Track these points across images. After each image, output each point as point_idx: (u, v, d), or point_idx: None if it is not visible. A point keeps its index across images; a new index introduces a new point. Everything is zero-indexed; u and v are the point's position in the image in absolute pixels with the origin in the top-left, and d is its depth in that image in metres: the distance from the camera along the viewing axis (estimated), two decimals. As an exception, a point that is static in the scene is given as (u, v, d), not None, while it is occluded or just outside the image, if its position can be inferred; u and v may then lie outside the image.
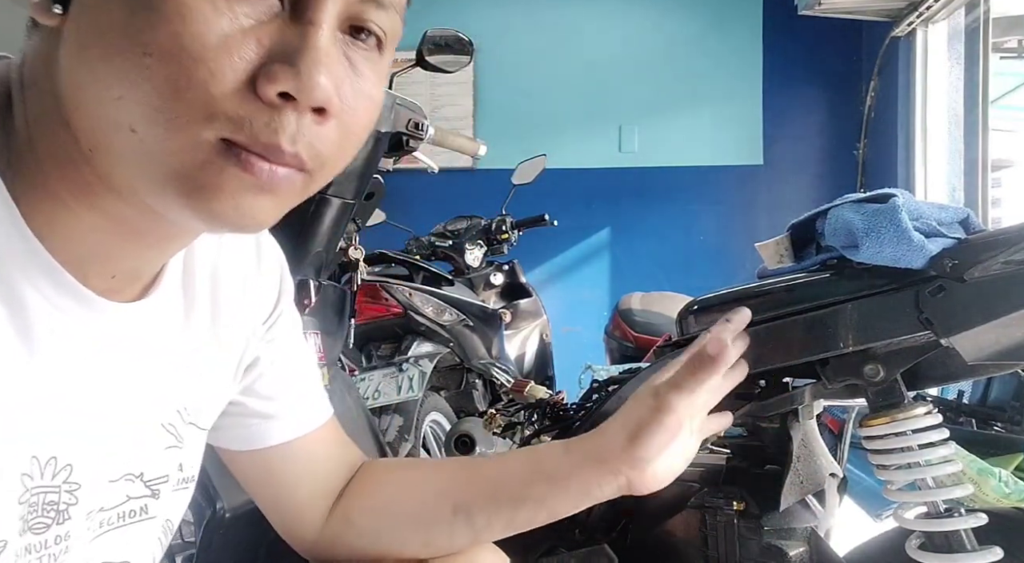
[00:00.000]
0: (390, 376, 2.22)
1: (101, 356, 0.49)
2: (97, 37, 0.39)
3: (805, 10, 3.54)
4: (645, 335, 2.72)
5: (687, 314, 0.90)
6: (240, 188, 0.41)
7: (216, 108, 0.39)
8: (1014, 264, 0.69)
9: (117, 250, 0.48)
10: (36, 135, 0.44)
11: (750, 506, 0.86)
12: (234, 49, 0.39)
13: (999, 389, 1.85)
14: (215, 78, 0.39)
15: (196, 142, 0.40)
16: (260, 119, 0.40)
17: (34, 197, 0.44)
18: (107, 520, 0.52)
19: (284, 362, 0.69)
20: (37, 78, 0.44)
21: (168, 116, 0.39)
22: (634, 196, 4.39)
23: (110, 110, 0.40)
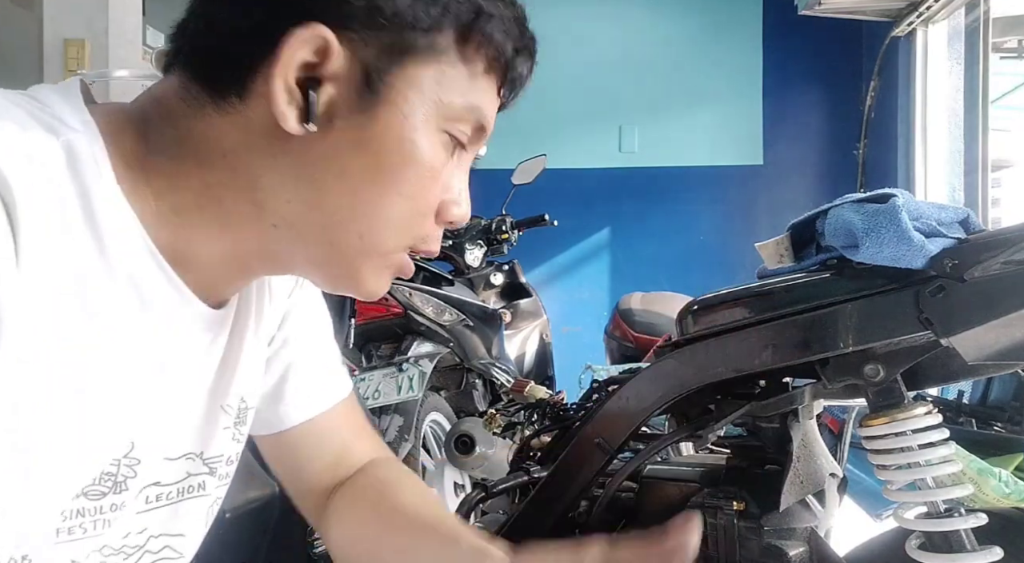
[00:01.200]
0: (390, 376, 2.22)
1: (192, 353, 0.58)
2: (361, 172, 0.52)
3: (805, 10, 3.54)
4: (645, 335, 2.72)
5: (687, 314, 0.90)
6: (390, 273, 0.58)
7: (422, 233, 0.57)
8: (1014, 264, 0.69)
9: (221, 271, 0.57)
10: (201, 191, 0.52)
11: (750, 506, 0.86)
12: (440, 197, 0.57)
13: (999, 389, 1.85)
14: (431, 214, 0.57)
15: (398, 250, 0.57)
16: (433, 235, 0.58)
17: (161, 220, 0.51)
18: (164, 495, 0.58)
19: (297, 341, 0.72)
20: (219, 152, 0.52)
21: (396, 234, 0.55)
22: (634, 196, 4.39)
23: (346, 220, 0.53)
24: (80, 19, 2.52)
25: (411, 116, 0.52)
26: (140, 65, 2.58)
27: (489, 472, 2.04)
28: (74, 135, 0.48)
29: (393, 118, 0.51)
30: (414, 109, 0.52)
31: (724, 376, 0.84)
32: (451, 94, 0.53)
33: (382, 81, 0.51)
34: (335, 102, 0.51)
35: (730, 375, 0.84)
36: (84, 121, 0.49)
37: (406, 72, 0.51)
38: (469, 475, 2.23)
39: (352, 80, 0.51)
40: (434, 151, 0.54)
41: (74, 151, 0.47)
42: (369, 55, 0.50)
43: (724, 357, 0.84)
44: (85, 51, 2.52)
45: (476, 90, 0.55)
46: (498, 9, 0.55)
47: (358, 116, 0.51)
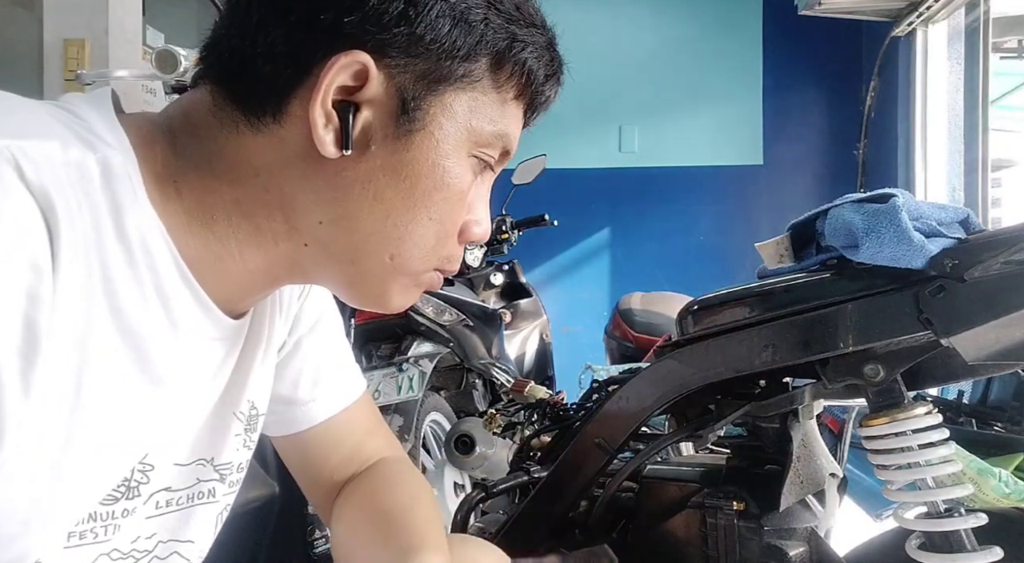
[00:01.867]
0: (390, 376, 2.22)
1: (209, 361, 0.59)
2: (395, 196, 0.53)
3: (805, 10, 3.54)
4: (645, 335, 2.72)
5: (687, 314, 0.90)
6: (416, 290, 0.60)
7: (447, 253, 0.59)
8: (1014, 264, 0.69)
9: (251, 289, 0.58)
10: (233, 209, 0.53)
11: (750, 506, 0.86)
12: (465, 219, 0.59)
13: (999, 389, 1.85)
14: (456, 235, 0.58)
15: (426, 271, 0.58)
16: (456, 254, 0.60)
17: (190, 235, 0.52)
18: (175, 500, 0.59)
19: (309, 344, 0.73)
20: (253, 171, 0.53)
21: (424, 256, 0.57)
22: (634, 196, 4.39)
23: (377, 242, 0.55)
24: (80, 19, 2.52)
25: (443, 142, 0.53)
26: (140, 65, 2.58)
27: (489, 472, 2.04)
28: (110, 151, 0.49)
29: (427, 144, 0.53)
30: (447, 135, 0.53)
31: (724, 376, 0.85)
32: (482, 121, 0.55)
33: (418, 107, 0.52)
34: (371, 127, 0.52)
35: (730, 375, 0.84)
36: (118, 136, 0.50)
37: (442, 99, 0.53)
38: (469, 475, 2.23)
39: (389, 106, 0.52)
40: (463, 176, 0.55)
41: (109, 167, 0.48)
42: (406, 81, 0.51)
43: (724, 357, 0.84)
44: (85, 51, 2.52)
45: (506, 117, 0.57)
46: (532, 36, 0.56)
47: (393, 142, 0.52)
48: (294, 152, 0.52)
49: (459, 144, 0.54)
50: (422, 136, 0.52)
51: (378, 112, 0.52)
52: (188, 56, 1.49)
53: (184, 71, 1.48)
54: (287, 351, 0.72)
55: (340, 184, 0.52)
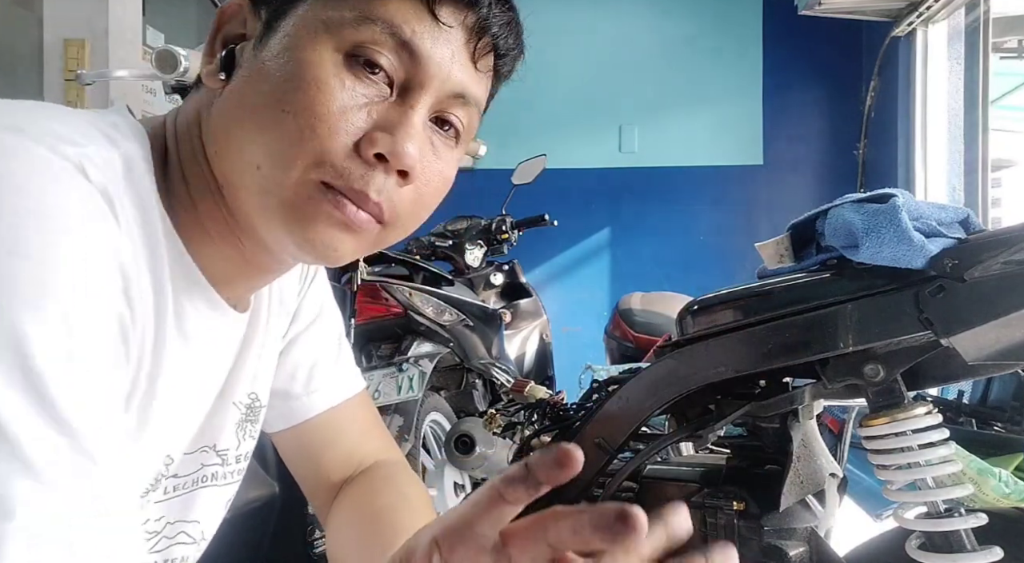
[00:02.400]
0: (390, 376, 2.22)
1: (214, 353, 0.60)
2: (250, 97, 0.52)
3: (805, 10, 3.54)
4: (645, 335, 2.72)
5: (687, 314, 0.90)
6: (330, 222, 0.52)
7: (326, 158, 0.51)
8: (1014, 264, 0.69)
9: (238, 275, 0.59)
10: (189, 176, 0.55)
11: (750, 506, 0.86)
12: (349, 116, 0.51)
13: (999, 389, 1.85)
14: (331, 135, 0.50)
15: (304, 180, 0.51)
16: (356, 171, 0.51)
17: (187, 227, 0.55)
18: (181, 485, 0.61)
19: (308, 338, 0.74)
20: (190, 129, 0.56)
21: (288, 157, 0.50)
22: (634, 196, 4.39)
23: (245, 151, 0.52)
24: (80, 19, 2.53)
25: (294, 36, 0.52)
26: (140, 65, 2.58)
27: (489, 472, 2.04)
28: (130, 145, 0.51)
29: (279, 43, 0.52)
30: (298, 30, 0.52)
31: (724, 376, 0.85)
32: (340, 10, 0.52)
33: (277, 20, 0.54)
34: (243, 50, 0.55)
35: (730, 375, 0.84)
36: (134, 129, 0.53)
37: (297, 11, 0.53)
38: (469, 475, 2.23)
39: (258, 31, 0.54)
40: (324, 66, 0.51)
41: (131, 162, 0.50)
42: (269, 6, 0.54)
43: (724, 357, 0.84)
44: (85, 51, 2.52)
45: (375, 3, 0.52)
46: None
47: (253, 54, 0.54)
48: (204, 100, 0.56)
49: (313, 36, 0.52)
50: (276, 39, 0.53)
51: (252, 40, 0.55)
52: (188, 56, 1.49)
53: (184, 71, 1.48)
54: (286, 345, 0.73)
55: (220, 109, 0.54)
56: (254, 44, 0.54)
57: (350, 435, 0.77)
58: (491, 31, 0.55)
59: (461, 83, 0.55)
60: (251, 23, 0.55)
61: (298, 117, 0.50)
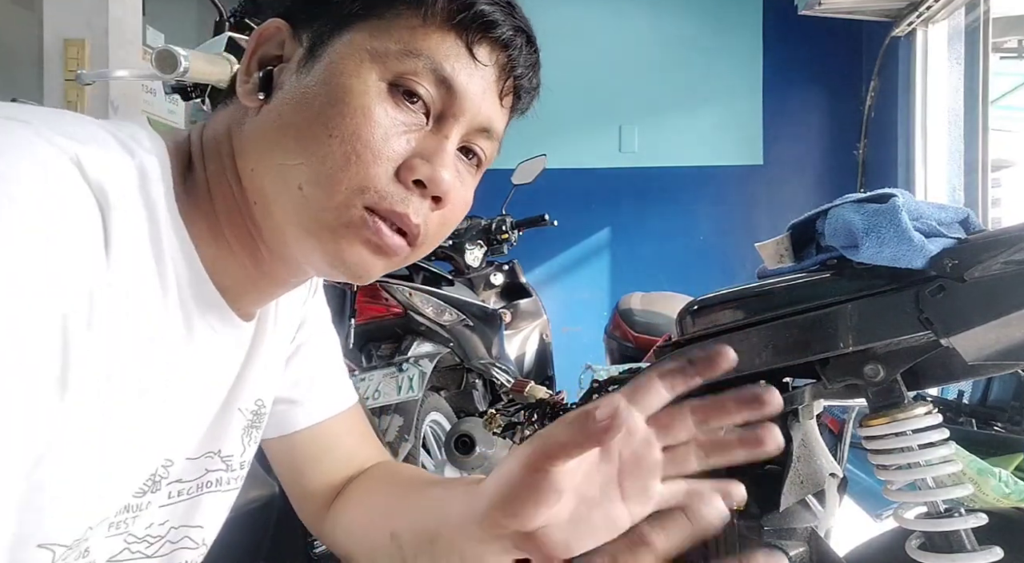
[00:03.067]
0: (390, 376, 2.22)
1: (221, 361, 0.61)
2: (294, 120, 0.54)
3: (805, 10, 3.54)
4: (645, 335, 2.72)
5: (687, 314, 0.90)
6: (367, 246, 0.55)
7: (370, 183, 0.53)
8: (1014, 264, 0.69)
9: (253, 287, 0.61)
10: (213, 189, 0.57)
11: (750, 506, 0.86)
12: (392, 143, 0.54)
13: (999, 389, 1.85)
14: (375, 160, 0.53)
15: (348, 205, 0.53)
16: (398, 195, 0.54)
17: (206, 239, 0.56)
18: (185, 490, 0.62)
19: (310, 347, 0.75)
20: (220, 144, 0.58)
21: (334, 181, 0.52)
22: (634, 196, 4.39)
23: (287, 172, 0.53)
24: (80, 19, 2.52)
25: (339, 63, 0.54)
26: (140, 65, 2.58)
27: (489, 472, 2.04)
28: (147, 156, 0.52)
29: (324, 68, 0.55)
30: (343, 57, 0.54)
31: (724, 376, 0.84)
32: (386, 42, 0.54)
33: (321, 46, 0.56)
34: (283, 71, 0.57)
35: (730, 375, 0.84)
36: (156, 143, 0.55)
37: (342, 38, 0.55)
38: (469, 475, 2.23)
39: (299, 54, 0.57)
40: (369, 94, 0.53)
41: (145, 172, 0.51)
42: (313, 32, 0.57)
43: (724, 357, 0.84)
44: (85, 51, 2.52)
45: (419, 39, 0.55)
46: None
47: (297, 77, 0.56)
48: (236, 116, 0.58)
49: (359, 64, 0.54)
50: (321, 64, 0.55)
51: (291, 62, 0.57)
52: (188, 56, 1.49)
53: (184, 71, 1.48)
54: (292, 352, 0.74)
55: (258, 127, 0.56)
56: (297, 68, 0.56)
57: (349, 442, 0.78)
58: (517, 71, 0.59)
59: (488, 118, 0.59)
60: (290, 46, 0.57)
61: (344, 142, 0.52)
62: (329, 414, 0.76)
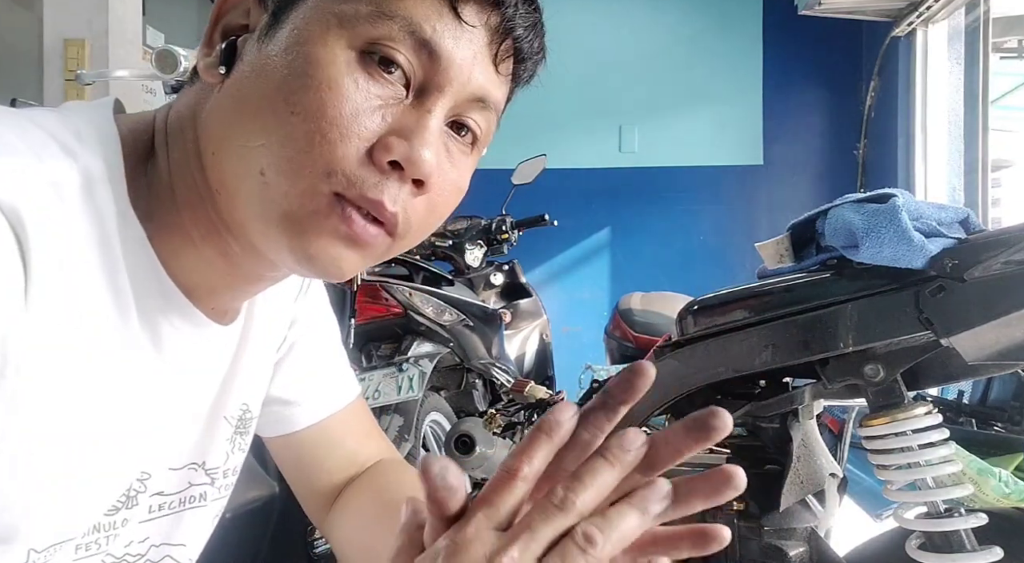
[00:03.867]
0: (390, 376, 2.22)
1: (195, 366, 0.57)
2: (254, 95, 0.48)
3: (805, 10, 3.54)
4: (645, 335, 2.72)
5: (687, 314, 0.90)
6: (336, 238, 0.48)
7: (337, 166, 0.46)
8: (1014, 264, 0.69)
9: (222, 284, 0.55)
10: (175, 178, 0.52)
11: (750, 506, 0.86)
12: (363, 120, 0.47)
13: (999, 389, 1.85)
14: (343, 140, 0.46)
15: (314, 191, 0.47)
16: (370, 180, 0.47)
17: (168, 233, 0.51)
18: (167, 504, 0.58)
19: (304, 345, 0.72)
20: (183, 127, 0.52)
21: (296, 165, 0.46)
22: (634, 196, 4.39)
23: (248, 156, 0.47)
24: (80, 19, 2.52)
25: (305, 29, 0.47)
26: (140, 65, 2.58)
27: (489, 472, 2.04)
28: (91, 158, 0.47)
29: (287, 36, 0.48)
30: (309, 23, 0.48)
31: (724, 376, 0.85)
32: (355, 3, 0.47)
33: (284, 12, 0.49)
34: (244, 42, 0.50)
35: (730, 375, 0.84)
36: (105, 137, 0.49)
37: (307, 2, 0.49)
38: (469, 475, 2.23)
39: (263, 23, 0.50)
40: (337, 64, 0.47)
41: (91, 175, 0.47)
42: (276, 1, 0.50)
43: (724, 357, 0.84)
44: (85, 51, 2.52)
45: None
46: None
47: (258, 47, 0.49)
48: (200, 95, 0.52)
49: (325, 30, 0.47)
50: (285, 30, 0.48)
51: (255, 32, 0.50)
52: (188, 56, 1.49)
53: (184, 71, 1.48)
54: (283, 353, 0.71)
55: (219, 106, 0.50)
56: (259, 36, 0.49)
57: (351, 439, 0.76)
58: (515, 33, 0.52)
59: (482, 87, 0.51)
60: (255, 13, 0.51)
61: (308, 120, 0.46)
62: (329, 412, 0.74)
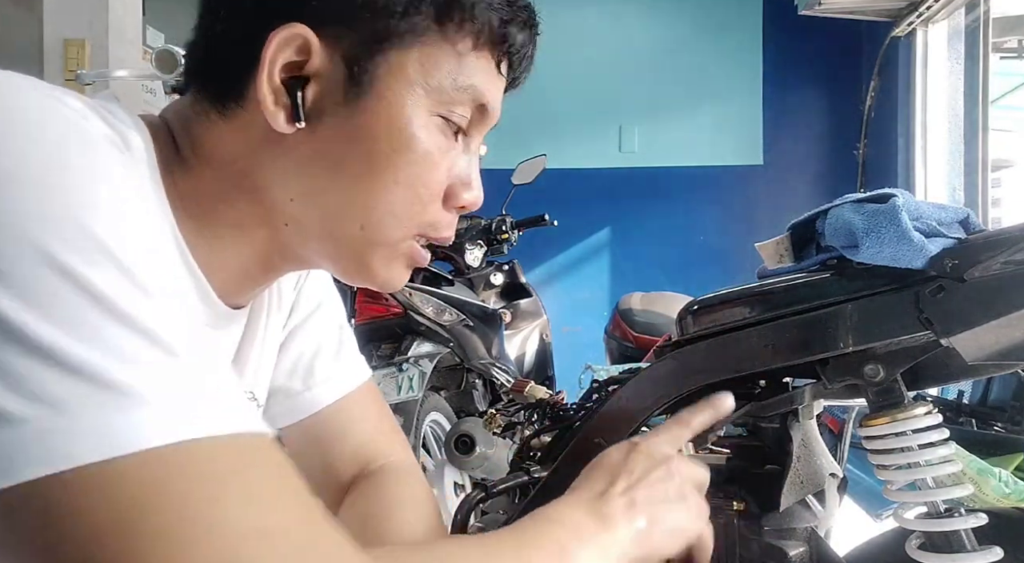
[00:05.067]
0: (390, 376, 2.22)
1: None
2: (355, 162, 0.53)
3: (805, 10, 3.54)
4: (645, 335, 2.72)
5: (687, 314, 0.90)
6: (405, 265, 0.58)
7: (428, 219, 0.57)
8: (1014, 264, 0.69)
9: (244, 275, 0.59)
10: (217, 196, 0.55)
11: (750, 506, 0.86)
12: (444, 179, 0.56)
13: (999, 389, 1.85)
14: (434, 201, 0.56)
15: (406, 238, 0.56)
16: (446, 222, 0.58)
17: (200, 234, 0.55)
18: None
19: (304, 331, 0.73)
20: (234, 157, 0.54)
21: (397, 223, 0.55)
22: (634, 196, 4.39)
23: (345, 212, 0.54)
24: (80, 19, 2.52)
25: (396, 102, 0.52)
26: (140, 65, 2.58)
27: (489, 472, 2.04)
28: (128, 130, 0.50)
29: (379, 106, 0.52)
30: (399, 95, 0.52)
31: (724, 376, 0.84)
32: (439, 76, 0.53)
33: (364, 70, 0.52)
34: (321, 97, 0.52)
35: (730, 375, 0.84)
36: (134, 119, 0.52)
37: (388, 60, 0.52)
38: (469, 475, 2.23)
39: (336, 74, 0.52)
40: (429, 136, 0.54)
41: (130, 145, 0.49)
42: (349, 48, 0.52)
43: (724, 357, 0.84)
44: (85, 51, 2.52)
45: (467, 69, 0.55)
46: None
47: (345, 109, 0.52)
48: (258, 134, 0.53)
49: (417, 103, 0.53)
50: (373, 99, 0.52)
51: (327, 82, 0.52)
52: (188, 56, 1.49)
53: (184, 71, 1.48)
54: (285, 337, 0.72)
55: (302, 159, 0.53)
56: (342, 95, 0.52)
57: (357, 428, 0.74)
58: (524, 72, 0.61)
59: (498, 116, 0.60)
60: (320, 61, 0.52)
61: (410, 188, 0.54)
62: (341, 393, 0.73)
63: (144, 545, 0.32)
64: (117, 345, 0.34)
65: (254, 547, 0.34)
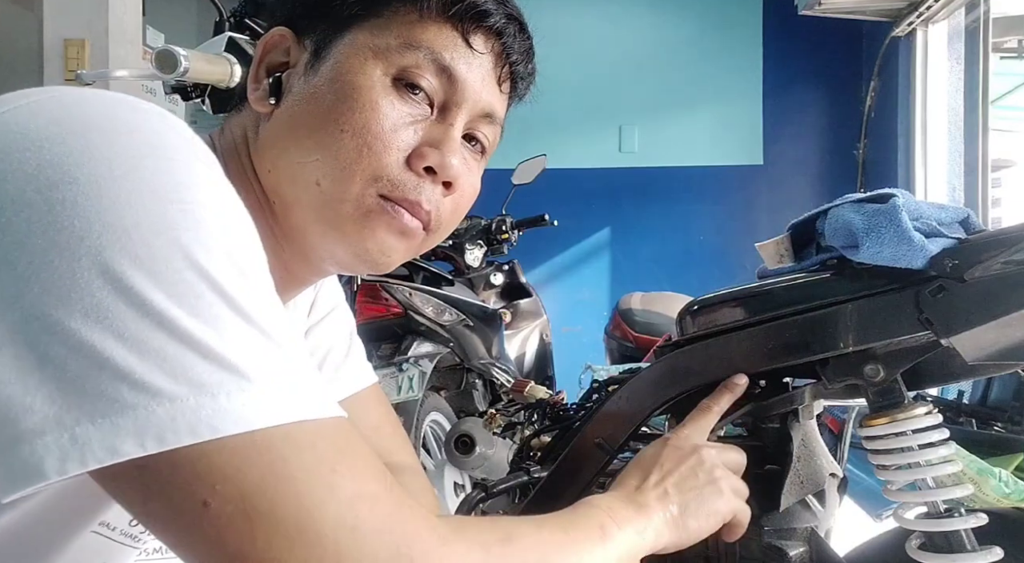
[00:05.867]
0: (390, 376, 2.22)
1: None
2: (306, 119, 0.57)
3: (805, 10, 3.54)
4: (645, 335, 2.72)
5: (687, 314, 0.90)
6: (389, 231, 0.58)
7: (383, 172, 0.57)
8: (1014, 264, 0.69)
9: (283, 286, 0.61)
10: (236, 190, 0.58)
11: (750, 506, 0.86)
12: (400, 133, 0.57)
13: (999, 389, 1.85)
14: (386, 150, 0.57)
15: (364, 195, 0.57)
16: (410, 183, 0.58)
17: None
18: None
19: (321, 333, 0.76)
20: (237, 150, 0.61)
21: (348, 174, 0.56)
22: (634, 196, 4.39)
23: (304, 170, 0.57)
24: (80, 19, 2.52)
25: (345, 62, 0.58)
26: (140, 65, 2.58)
27: (489, 472, 2.04)
28: None
29: (331, 68, 0.58)
30: (348, 56, 0.58)
31: (724, 376, 0.84)
32: (387, 38, 0.58)
33: (326, 46, 0.59)
34: (291, 75, 0.60)
35: (730, 375, 0.84)
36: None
37: (344, 38, 0.59)
38: (469, 475, 2.23)
39: (306, 57, 0.60)
40: (373, 88, 0.57)
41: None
42: (316, 37, 0.60)
43: (724, 357, 0.84)
44: (85, 51, 2.52)
45: (420, 31, 0.58)
46: None
47: (305, 77, 0.59)
48: (243, 124, 0.62)
49: (363, 62, 0.57)
50: (327, 65, 0.58)
51: (299, 66, 0.60)
52: (188, 56, 1.49)
53: (184, 71, 1.48)
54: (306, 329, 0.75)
55: (274, 130, 0.59)
56: (304, 71, 0.59)
57: (370, 423, 0.78)
58: (512, 58, 0.63)
59: (490, 104, 0.62)
60: (295, 51, 0.61)
61: (355, 136, 0.56)
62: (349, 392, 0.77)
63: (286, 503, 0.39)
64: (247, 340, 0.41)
65: (364, 507, 0.41)
